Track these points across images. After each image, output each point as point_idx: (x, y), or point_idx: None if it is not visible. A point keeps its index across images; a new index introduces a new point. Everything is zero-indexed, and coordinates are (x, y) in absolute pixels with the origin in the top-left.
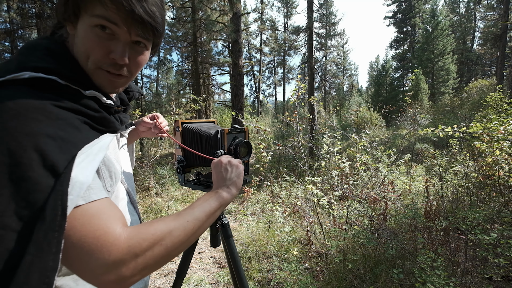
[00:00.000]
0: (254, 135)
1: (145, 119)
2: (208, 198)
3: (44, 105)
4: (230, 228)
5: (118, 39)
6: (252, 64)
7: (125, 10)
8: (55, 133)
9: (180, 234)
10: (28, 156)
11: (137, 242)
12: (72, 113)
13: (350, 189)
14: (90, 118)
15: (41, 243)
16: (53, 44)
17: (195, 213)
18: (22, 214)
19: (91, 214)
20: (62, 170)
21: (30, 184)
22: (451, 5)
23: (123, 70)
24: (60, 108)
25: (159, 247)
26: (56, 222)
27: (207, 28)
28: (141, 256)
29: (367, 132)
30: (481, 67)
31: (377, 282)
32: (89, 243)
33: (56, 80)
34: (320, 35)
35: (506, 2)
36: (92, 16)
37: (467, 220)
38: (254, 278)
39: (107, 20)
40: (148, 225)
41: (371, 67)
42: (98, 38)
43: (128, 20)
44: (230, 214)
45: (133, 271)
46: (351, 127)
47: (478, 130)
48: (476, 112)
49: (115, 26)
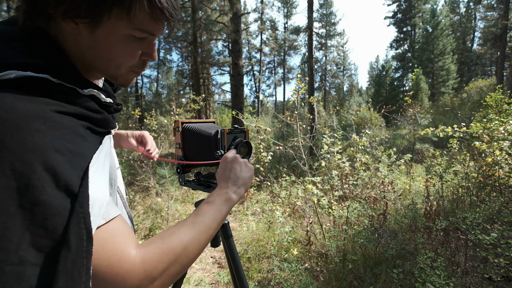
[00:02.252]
0: (254, 135)
1: (131, 140)
2: (218, 202)
3: (44, 112)
4: (230, 228)
5: (150, 40)
6: (252, 64)
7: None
8: (63, 146)
9: (195, 248)
10: (38, 177)
11: (152, 265)
12: (75, 119)
13: (350, 189)
14: (92, 121)
15: (71, 273)
16: (32, 35)
17: (206, 222)
18: (40, 244)
19: (104, 237)
20: (78, 188)
21: (45, 209)
22: (451, 5)
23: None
24: (62, 114)
25: (175, 266)
26: (83, 247)
27: (207, 28)
28: (158, 279)
29: (367, 132)
30: (481, 67)
31: (377, 282)
32: (104, 272)
33: (49, 79)
34: (320, 35)
35: (506, 2)
36: (135, 29)
37: (467, 220)
38: (254, 278)
39: (149, 33)
40: (162, 243)
41: (371, 67)
42: (133, 46)
43: (161, 26)
44: (230, 214)
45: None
46: (351, 127)
47: (478, 130)
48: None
49: (153, 36)
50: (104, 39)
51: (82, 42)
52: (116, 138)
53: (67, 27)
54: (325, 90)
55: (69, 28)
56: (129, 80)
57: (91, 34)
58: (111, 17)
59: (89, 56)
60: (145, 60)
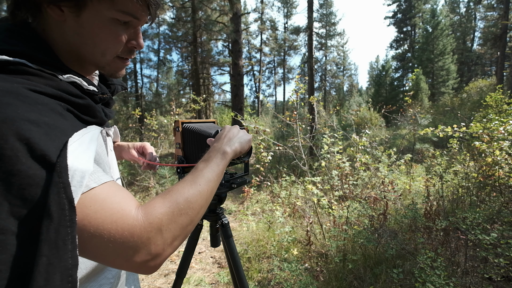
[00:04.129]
0: (254, 135)
1: (132, 151)
2: (214, 157)
3: (17, 88)
4: (230, 228)
5: (135, 26)
6: (252, 64)
7: (149, 4)
8: (38, 118)
9: (198, 199)
10: (11, 147)
11: (157, 218)
12: (52, 99)
13: (350, 189)
14: (74, 105)
15: (54, 242)
16: (15, 26)
17: (206, 175)
18: (20, 214)
19: (102, 198)
20: (55, 159)
21: (21, 179)
22: (451, 5)
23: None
24: (37, 93)
25: (182, 217)
26: (66, 217)
27: (207, 28)
28: (166, 230)
29: (367, 132)
30: (481, 67)
31: (377, 282)
32: (108, 230)
33: (25, 63)
34: (320, 35)
35: (506, 2)
36: (119, 11)
37: (467, 220)
38: (254, 278)
39: (133, 16)
40: (163, 199)
41: (371, 67)
42: (118, 30)
43: (146, 11)
44: (230, 214)
45: (163, 246)
46: (351, 127)
47: (478, 130)
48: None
49: (137, 20)
50: (89, 23)
51: (68, 29)
52: (117, 150)
53: (53, 14)
54: (325, 90)
55: (55, 15)
56: (117, 69)
57: (76, 19)
58: (104, 2)
59: (74, 44)
60: (131, 47)
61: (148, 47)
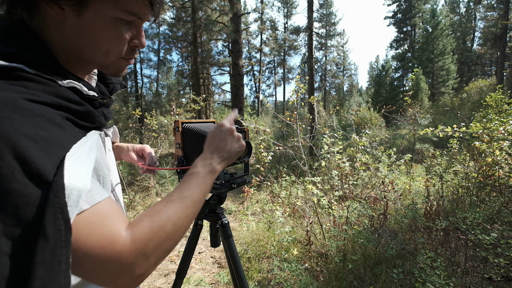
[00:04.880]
0: (254, 135)
1: (131, 154)
2: (203, 173)
3: (14, 99)
4: (230, 228)
5: (138, 25)
6: (252, 64)
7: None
8: (35, 133)
9: (184, 222)
10: (7, 165)
11: (144, 243)
12: (51, 108)
13: (350, 189)
14: (73, 113)
15: (50, 263)
16: (11, 26)
17: (193, 196)
18: (14, 234)
19: (94, 222)
20: (52, 178)
21: (17, 198)
22: (451, 5)
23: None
24: (35, 103)
25: (167, 242)
26: (62, 237)
27: (207, 28)
28: (152, 255)
29: (367, 132)
30: (481, 67)
31: (377, 282)
32: (97, 254)
33: (23, 68)
34: (320, 35)
35: (506, 2)
36: (123, 10)
37: (467, 220)
38: (254, 278)
39: (137, 16)
40: (150, 221)
41: (371, 67)
42: (122, 30)
43: (150, 10)
44: (230, 214)
45: (146, 268)
46: (351, 127)
47: (478, 130)
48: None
49: (140, 19)
50: (91, 23)
51: (68, 29)
52: (116, 151)
53: (53, 13)
54: (325, 90)
55: (54, 14)
56: (120, 69)
57: (77, 18)
58: (108, 2)
59: (75, 45)
60: (134, 46)
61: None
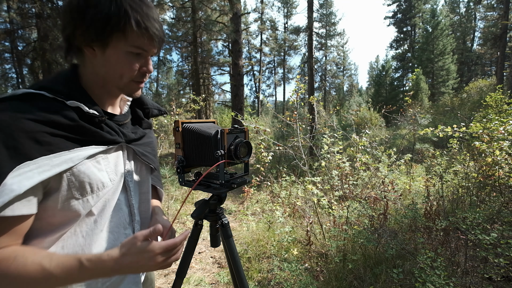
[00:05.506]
0: (254, 135)
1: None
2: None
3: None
4: (230, 228)
5: (145, 56)
6: (252, 64)
7: (153, 39)
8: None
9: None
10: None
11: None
12: (42, 125)
13: (350, 189)
14: (65, 128)
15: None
16: (67, 71)
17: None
18: None
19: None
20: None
21: None
22: (451, 5)
23: (146, 77)
24: (30, 120)
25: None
26: None
27: (207, 28)
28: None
29: (367, 132)
30: (481, 67)
31: (377, 282)
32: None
33: (44, 94)
34: (320, 35)
35: (506, 2)
36: (131, 45)
37: (467, 220)
38: (254, 278)
39: (142, 49)
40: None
41: (371, 67)
42: (132, 60)
43: (154, 44)
44: (230, 214)
45: None
46: (351, 127)
47: (478, 130)
48: (476, 112)
49: (146, 52)
50: (111, 56)
51: (97, 62)
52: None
53: (88, 53)
54: (325, 90)
55: (88, 53)
56: (132, 90)
57: (103, 54)
58: (113, 39)
59: (101, 72)
60: (143, 72)
61: None
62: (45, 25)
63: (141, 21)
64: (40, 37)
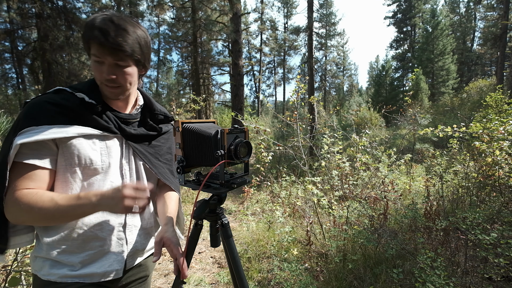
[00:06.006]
0: (254, 135)
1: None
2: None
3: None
4: (230, 228)
5: (105, 63)
6: (252, 64)
7: (103, 48)
8: (30, 115)
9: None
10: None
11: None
12: (53, 106)
13: (350, 189)
14: (68, 109)
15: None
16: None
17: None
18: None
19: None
20: (19, 131)
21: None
22: (451, 5)
23: (115, 82)
24: (47, 103)
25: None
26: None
27: (207, 28)
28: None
29: (367, 132)
30: (481, 67)
31: (377, 282)
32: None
33: (66, 89)
34: (320, 35)
35: (506, 2)
36: (92, 54)
37: (467, 220)
38: (254, 278)
39: (97, 56)
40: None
41: (371, 67)
42: (97, 66)
43: (106, 53)
44: (230, 214)
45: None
46: (351, 127)
47: (478, 130)
48: (476, 112)
49: (101, 60)
50: (91, 64)
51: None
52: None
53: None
54: (325, 90)
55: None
56: (107, 92)
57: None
58: (90, 50)
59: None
60: (105, 77)
61: None
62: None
63: (100, 36)
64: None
